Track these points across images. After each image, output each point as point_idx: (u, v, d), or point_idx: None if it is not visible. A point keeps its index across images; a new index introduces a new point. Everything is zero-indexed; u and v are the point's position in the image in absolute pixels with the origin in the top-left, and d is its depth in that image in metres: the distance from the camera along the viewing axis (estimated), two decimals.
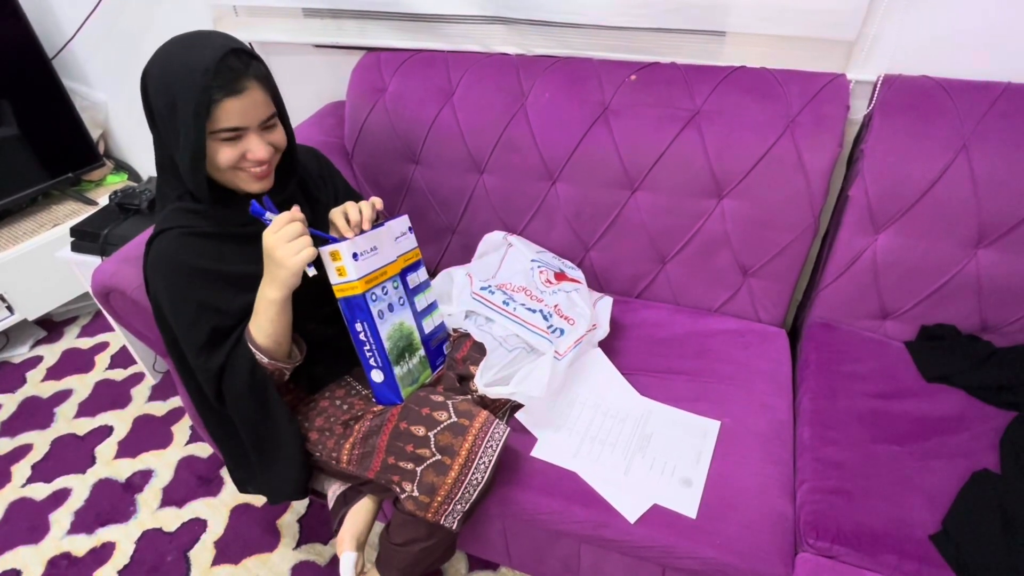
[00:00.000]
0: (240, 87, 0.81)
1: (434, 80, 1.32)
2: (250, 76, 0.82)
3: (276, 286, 0.85)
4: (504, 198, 1.33)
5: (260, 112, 0.84)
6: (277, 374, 0.93)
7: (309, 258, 0.83)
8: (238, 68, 0.81)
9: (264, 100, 0.85)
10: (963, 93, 1.03)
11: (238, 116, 0.82)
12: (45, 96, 1.76)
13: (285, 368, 0.93)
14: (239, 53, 0.82)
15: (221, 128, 0.82)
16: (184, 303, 0.89)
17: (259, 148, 0.85)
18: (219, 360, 0.90)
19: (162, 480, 1.51)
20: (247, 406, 0.93)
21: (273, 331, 0.88)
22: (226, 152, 0.84)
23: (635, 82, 1.19)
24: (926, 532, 0.87)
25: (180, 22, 0.87)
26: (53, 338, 1.98)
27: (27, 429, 1.67)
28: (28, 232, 1.77)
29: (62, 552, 1.37)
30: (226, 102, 0.80)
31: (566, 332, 1.11)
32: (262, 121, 0.85)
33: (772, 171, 1.12)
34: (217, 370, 0.90)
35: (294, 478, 1.00)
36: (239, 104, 0.81)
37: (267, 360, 0.90)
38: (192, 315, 0.89)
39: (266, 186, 0.91)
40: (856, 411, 1.04)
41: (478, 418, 0.93)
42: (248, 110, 0.82)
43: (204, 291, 0.90)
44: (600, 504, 0.95)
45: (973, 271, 1.07)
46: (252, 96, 0.82)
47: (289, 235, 0.82)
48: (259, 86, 0.83)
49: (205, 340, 0.89)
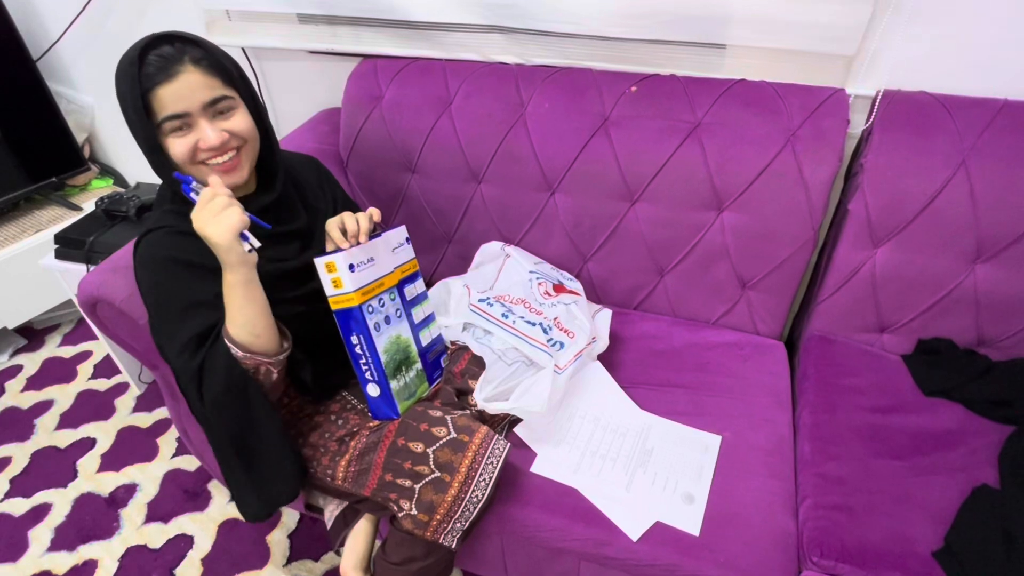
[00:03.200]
0: (172, 71, 0.78)
1: (432, 88, 1.30)
2: (184, 60, 0.79)
3: (227, 269, 0.80)
4: (502, 208, 1.32)
5: (200, 95, 0.80)
6: (264, 372, 0.87)
7: (238, 225, 0.78)
8: (168, 53, 0.79)
9: (205, 82, 0.80)
10: (962, 109, 1.04)
11: (176, 102, 0.79)
12: (29, 99, 1.72)
13: (269, 363, 0.86)
14: (171, 39, 0.80)
15: (164, 118, 0.79)
16: (169, 298, 0.86)
17: (210, 133, 0.82)
18: (199, 360, 0.84)
19: (147, 495, 1.47)
20: (226, 406, 0.86)
21: (244, 320, 0.83)
22: (177, 144, 0.81)
23: (635, 93, 1.19)
24: (928, 548, 0.86)
25: (170, 25, 0.84)
26: (34, 346, 1.93)
27: (6, 441, 1.62)
28: (10, 238, 1.73)
29: (42, 570, 1.33)
30: (158, 89, 0.78)
31: (566, 345, 1.10)
32: (206, 103, 0.81)
33: (772, 184, 1.12)
34: (197, 369, 0.85)
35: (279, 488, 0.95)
36: (173, 88, 0.78)
37: (247, 356, 0.84)
38: (178, 310, 0.85)
39: (236, 180, 0.87)
40: (856, 426, 1.03)
41: (478, 434, 0.91)
42: (184, 94, 0.79)
43: (190, 284, 0.86)
44: (602, 521, 0.94)
45: (971, 286, 1.08)
46: (187, 79, 0.79)
47: (215, 209, 0.78)
48: (197, 68, 0.80)
49: (188, 338, 0.84)
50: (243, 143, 0.86)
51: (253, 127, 0.87)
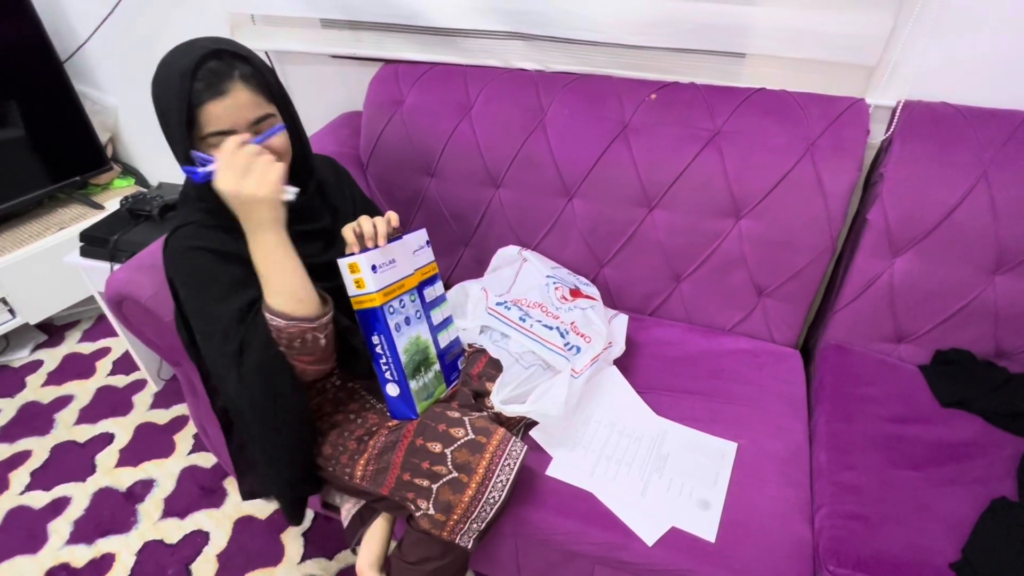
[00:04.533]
0: (222, 88, 0.79)
1: (452, 94, 1.32)
2: (234, 77, 0.79)
3: (263, 227, 0.79)
4: (519, 213, 1.33)
5: (247, 113, 0.81)
6: (311, 339, 0.83)
7: (280, 174, 0.78)
8: (220, 70, 0.79)
9: (252, 100, 0.81)
10: (983, 120, 1.04)
11: (223, 118, 0.80)
12: (55, 99, 1.75)
13: (314, 328, 0.83)
14: (222, 54, 0.80)
15: (208, 133, 0.80)
16: (207, 288, 0.85)
17: None
18: (239, 339, 0.83)
19: (164, 490, 1.48)
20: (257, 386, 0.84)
21: (285, 284, 0.81)
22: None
23: (655, 101, 1.20)
24: (945, 560, 0.86)
25: (196, 29, 0.86)
26: (54, 342, 1.96)
27: (26, 435, 1.64)
28: (33, 235, 1.76)
29: (61, 563, 1.34)
30: (209, 105, 0.78)
31: (583, 350, 1.10)
32: (251, 122, 0.82)
33: (791, 193, 1.12)
34: (237, 349, 0.83)
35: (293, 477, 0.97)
36: (222, 105, 0.79)
37: (291, 323, 0.81)
38: (216, 294, 0.85)
39: None
40: (872, 435, 1.03)
41: (495, 435, 0.92)
42: (232, 112, 0.80)
43: (225, 271, 0.86)
44: (617, 526, 0.94)
45: (990, 297, 1.07)
46: (236, 97, 0.80)
47: (245, 163, 0.77)
48: (245, 87, 0.80)
49: (229, 320, 0.83)
50: (278, 158, 0.87)
51: (288, 144, 0.88)
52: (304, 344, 0.83)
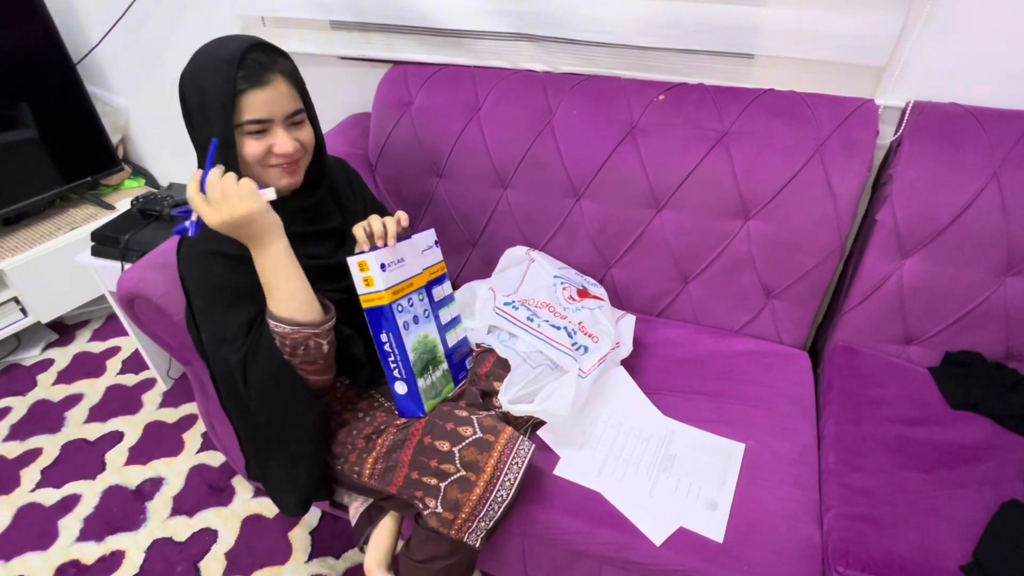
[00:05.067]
0: (265, 79, 0.82)
1: (461, 95, 1.32)
2: (276, 70, 0.83)
3: (266, 239, 0.82)
4: (527, 213, 1.33)
5: (286, 105, 0.85)
6: (314, 345, 0.86)
7: (252, 184, 0.80)
8: (263, 61, 0.82)
9: (290, 94, 0.85)
10: (993, 121, 1.04)
11: (263, 107, 0.83)
12: (68, 100, 1.77)
13: (317, 334, 0.86)
14: (265, 48, 0.84)
15: (247, 120, 0.82)
16: (220, 294, 0.88)
17: (285, 142, 0.85)
18: (245, 349, 0.86)
19: (173, 488, 1.49)
20: (267, 394, 0.88)
21: (289, 292, 0.84)
22: (252, 145, 0.84)
23: (663, 102, 1.20)
24: (956, 563, 0.85)
25: (206, 31, 0.87)
26: (65, 341, 1.97)
27: (37, 433, 1.66)
28: (45, 235, 1.78)
29: (71, 559, 1.36)
30: (251, 93, 0.81)
31: (590, 350, 1.11)
32: (287, 115, 0.85)
33: (800, 194, 1.12)
34: (242, 358, 0.86)
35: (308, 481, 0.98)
36: (264, 95, 0.82)
37: (295, 330, 0.84)
38: (224, 301, 0.88)
39: (294, 182, 0.91)
40: (881, 437, 1.03)
41: (503, 434, 0.92)
42: (273, 102, 0.83)
43: (233, 276, 0.88)
44: (625, 525, 0.94)
45: (1001, 299, 1.07)
46: (277, 88, 0.83)
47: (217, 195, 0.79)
48: (285, 80, 0.84)
49: (236, 328, 0.86)
50: (306, 153, 0.91)
51: (314, 138, 0.92)
52: (307, 351, 0.86)
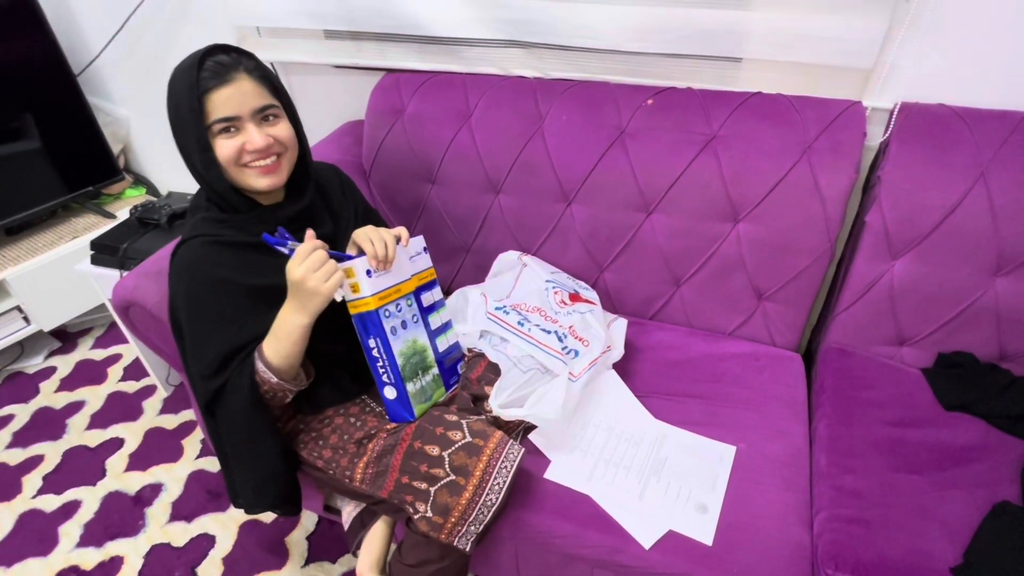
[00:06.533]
0: (228, 77, 0.84)
1: (452, 102, 1.34)
2: (239, 68, 0.86)
3: (306, 313, 0.86)
4: (519, 218, 1.34)
5: (252, 101, 0.86)
6: (280, 395, 0.93)
7: (339, 283, 0.85)
8: (225, 61, 0.85)
9: (256, 90, 0.87)
10: (980, 122, 1.04)
11: (228, 105, 0.85)
12: (69, 111, 1.80)
13: (290, 390, 0.93)
14: (227, 49, 0.87)
15: (214, 120, 0.85)
16: (201, 316, 0.90)
17: (256, 136, 0.87)
18: (223, 379, 0.90)
19: (172, 494, 1.51)
20: (239, 424, 0.93)
21: (289, 354, 0.88)
22: (224, 146, 0.86)
23: (652, 106, 1.21)
24: (947, 565, 0.85)
25: (203, 41, 0.89)
26: (67, 349, 1.99)
27: (39, 440, 1.68)
28: (47, 244, 1.80)
29: (71, 565, 1.37)
30: (215, 93, 0.84)
31: (581, 353, 1.11)
32: (255, 110, 0.87)
33: (788, 196, 1.12)
34: (218, 388, 0.91)
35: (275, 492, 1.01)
36: (227, 92, 0.84)
37: (275, 380, 0.89)
38: (208, 329, 0.90)
39: (275, 182, 0.92)
40: (873, 439, 1.03)
41: (492, 438, 0.93)
42: (237, 98, 0.85)
43: (224, 304, 0.90)
44: (615, 529, 0.94)
45: (992, 299, 1.06)
46: (240, 85, 0.85)
47: (315, 264, 0.83)
48: (249, 76, 0.86)
49: (213, 356, 0.90)
50: (284, 150, 0.92)
51: (294, 136, 0.94)
52: (274, 397, 0.93)
